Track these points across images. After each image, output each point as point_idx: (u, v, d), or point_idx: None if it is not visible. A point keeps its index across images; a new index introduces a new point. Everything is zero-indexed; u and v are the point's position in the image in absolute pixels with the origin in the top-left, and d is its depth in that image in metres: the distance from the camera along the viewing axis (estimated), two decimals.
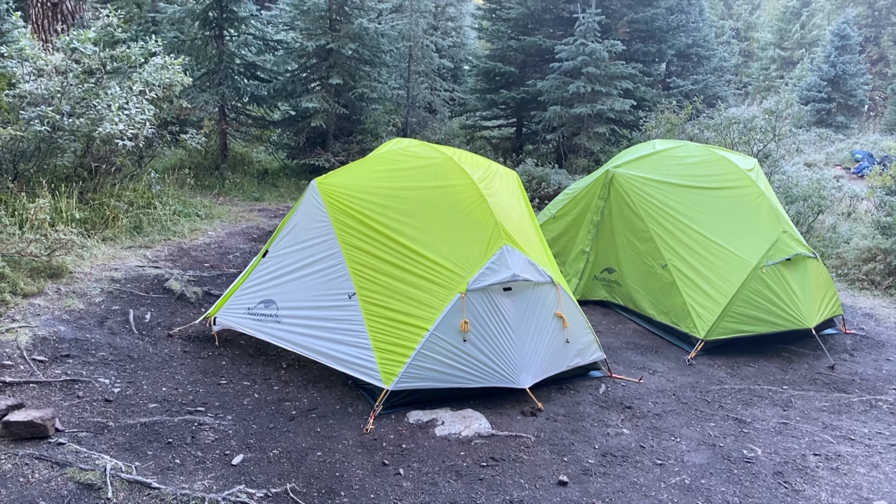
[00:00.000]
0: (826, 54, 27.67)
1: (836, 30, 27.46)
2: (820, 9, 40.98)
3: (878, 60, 34.05)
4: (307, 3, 12.66)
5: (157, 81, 9.29)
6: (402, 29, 14.90)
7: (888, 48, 33.76)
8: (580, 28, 14.21)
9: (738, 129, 11.55)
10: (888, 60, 33.49)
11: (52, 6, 13.70)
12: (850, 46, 27.25)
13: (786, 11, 42.33)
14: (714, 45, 24.36)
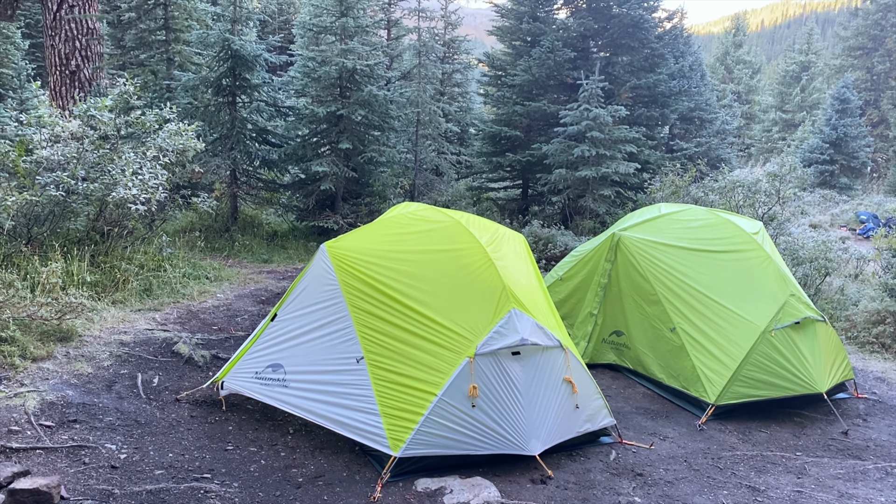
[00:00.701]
0: (827, 117, 28.09)
1: (836, 93, 27.96)
2: (819, 73, 41.80)
3: (879, 123, 34.52)
4: (318, 72, 13.02)
5: (171, 147, 9.50)
6: (411, 95, 15.25)
7: (888, 111, 34.26)
8: (584, 94, 14.51)
9: (743, 193, 11.67)
10: (889, 123, 33.95)
11: (71, 74, 14.14)
12: (850, 110, 27.69)
13: (786, 75, 43.23)
14: (716, 109, 24.80)
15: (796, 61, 42.89)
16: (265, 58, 12.77)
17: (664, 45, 17.31)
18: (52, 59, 14.38)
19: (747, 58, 48.12)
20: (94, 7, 14.88)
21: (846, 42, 37.53)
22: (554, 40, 16.09)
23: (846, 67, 36.39)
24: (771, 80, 51.27)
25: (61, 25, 14.11)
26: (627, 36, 16.40)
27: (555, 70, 16.39)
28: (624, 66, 16.86)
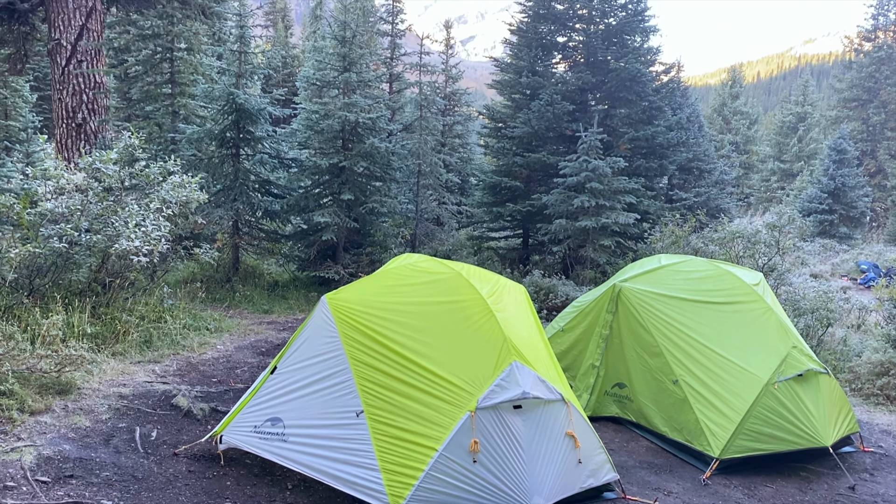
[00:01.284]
0: (825, 167, 28.36)
1: (833, 144, 28.28)
2: (816, 124, 42.35)
3: (877, 173, 34.83)
4: (321, 124, 13.22)
5: (174, 199, 9.59)
6: (412, 147, 15.45)
7: (885, 161, 34.60)
8: (583, 146, 14.69)
9: (742, 244, 11.72)
10: (886, 173, 34.26)
11: (77, 127, 14.36)
12: (847, 160, 27.98)
13: (783, 126, 43.79)
14: (714, 159, 25.08)
15: (793, 112, 43.49)
16: (269, 111, 12.98)
17: (662, 98, 17.59)
18: (59, 111, 14.61)
19: (744, 109, 48.80)
20: (102, 62, 15.19)
21: (841, 94, 38.10)
22: (553, 94, 16.37)
23: (842, 118, 36.87)
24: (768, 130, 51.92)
25: (69, 79, 14.38)
26: (625, 89, 16.69)
27: (554, 122, 16.63)
28: (622, 119, 17.12)
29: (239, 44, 13.01)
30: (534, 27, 18.29)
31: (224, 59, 13.82)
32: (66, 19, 14.44)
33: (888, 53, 35.65)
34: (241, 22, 12.96)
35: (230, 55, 13.38)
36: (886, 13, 36.49)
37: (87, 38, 14.36)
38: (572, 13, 18.05)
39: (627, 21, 17.34)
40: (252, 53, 13.84)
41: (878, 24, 36.99)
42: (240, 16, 13.02)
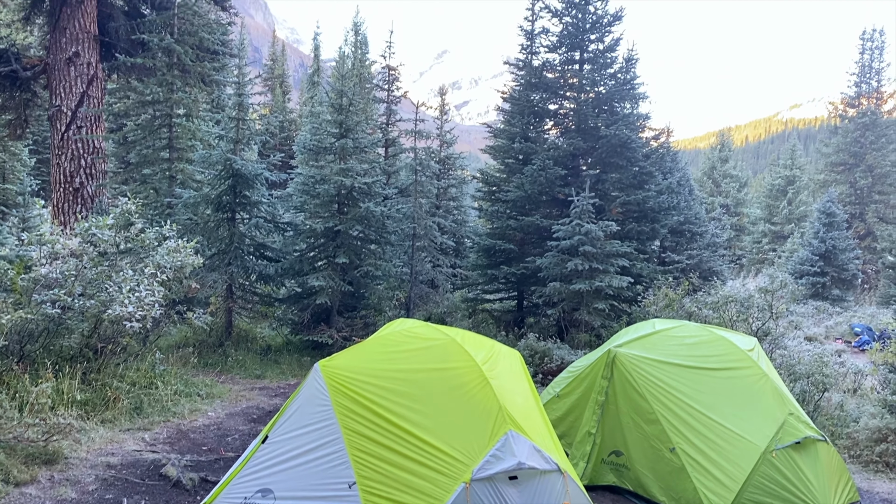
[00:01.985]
0: (815, 230, 28.65)
1: (822, 207, 28.64)
2: (804, 187, 42.97)
3: (866, 235, 35.19)
4: (317, 189, 13.37)
5: (169, 264, 9.61)
6: (407, 211, 15.60)
7: (874, 224, 35.02)
8: (575, 210, 14.86)
9: (736, 308, 11.75)
10: (875, 235, 34.61)
11: (74, 191, 14.47)
12: (836, 223, 28.29)
13: (772, 189, 44.41)
14: (706, 222, 25.33)
15: (781, 175, 44.17)
16: (265, 176, 13.14)
17: (652, 163, 17.88)
18: (57, 176, 14.76)
19: (734, 172, 49.58)
20: (101, 128, 15.43)
21: (828, 158, 38.79)
22: (545, 159, 16.64)
23: (830, 182, 37.46)
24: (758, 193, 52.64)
25: (68, 145, 14.58)
26: (616, 155, 16.98)
27: (546, 186, 16.85)
28: (613, 183, 17.35)
29: (237, 111, 13.26)
30: (526, 95, 18.70)
31: (222, 124, 14.05)
32: (68, 86, 14.73)
33: (872, 119, 36.47)
34: (239, 90, 13.24)
35: (228, 121, 13.61)
36: (868, 81, 37.52)
37: (87, 104, 14.62)
38: (563, 82, 18.49)
39: (617, 89, 17.75)
40: (250, 120, 14.08)
41: (860, 90, 37.98)
42: (238, 84, 13.31)
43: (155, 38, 14.43)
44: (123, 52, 15.38)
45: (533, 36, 19.20)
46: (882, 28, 37.56)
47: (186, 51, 14.80)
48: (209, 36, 15.33)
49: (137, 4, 16.06)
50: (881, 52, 37.42)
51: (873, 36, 37.57)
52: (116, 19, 15.58)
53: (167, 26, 14.94)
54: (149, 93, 14.73)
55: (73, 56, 14.79)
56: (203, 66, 15.32)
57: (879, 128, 36.47)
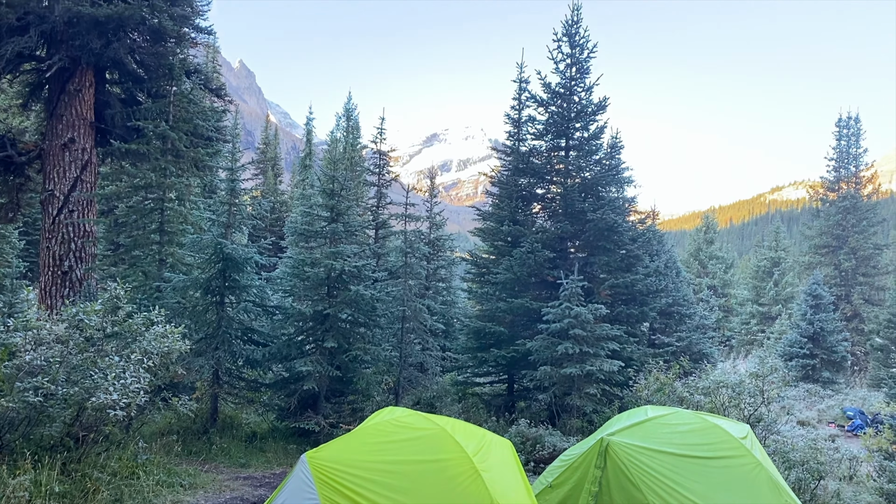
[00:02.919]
0: (802, 312, 28.81)
1: (809, 290, 28.89)
2: (790, 268, 43.45)
3: (853, 317, 35.39)
4: (307, 272, 13.40)
5: (156, 350, 9.51)
6: (397, 293, 15.61)
7: (860, 306, 35.28)
8: (564, 293, 14.93)
9: (728, 394, 11.69)
10: (862, 317, 34.81)
11: (63, 274, 14.43)
12: (823, 305, 28.48)
13: (758, 270, 44.87)
14: (694, 303, 25.45)
15: (767, 257, 44.72)
16: (256, 259, 13.18)
17: (639, 246, 18.11)
18: (46, 259, 14.74)
19: (720, 254, 50.17)
20: (93, 211, 15.53)
21: (812, 240, 39.40)
22: (533, 242, 16.83)
23: (815, 264, 37.91)
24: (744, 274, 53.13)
25: (59, 228, 14.62)
26: (603, 238, 17.20)
27: (535, 269, 16.98)
28: (602, 266, 17.51)
29: (229, 195, 13.42)
30: (513, 180, 19.07)
31: (214, 208, 14.18)
32: (62, 171, 14.90)
33: (853, 203, 37.29)
34: (232, 175, 13.44)
35: (220, 205, 13.74)
36: (847, 166, 38.54)
37: (80, 189, 14.76)
38: (550, 167, 18.91)
39: (603, 175, 18.15)
40: (242, 204, 14.23)
41: (840, 175, 38.95)
42: (231, 170, 13.52)
43: (150, 124, 14.72)
44: (118, 138, 15.65)
45: (520, 123, 19.74)
46: (857, 115, 38.85)
47: (181, 137, 15.09)
48: (204, 123, 15.67)
49: (134, 92, 16.45)
50: (857, 138, 38.61)
51: (849, 123, 38.85)
52: (113, 107, 15.92)
53: (163, 113, 15.28)
54: (141, 177, 14.91)
55: (69, 142, 15.04)
56: (197, 151, 15.59)
57: (860, 211, 37.24)
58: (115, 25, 14.58)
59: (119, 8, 14.07)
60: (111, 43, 14.80)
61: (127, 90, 16.65)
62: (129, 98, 16.62)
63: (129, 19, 14.35)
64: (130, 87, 16.48)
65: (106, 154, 16.44)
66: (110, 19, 14.20)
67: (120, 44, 14.67)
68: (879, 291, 36.18)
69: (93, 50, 14.70)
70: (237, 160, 14.00)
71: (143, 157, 15.36)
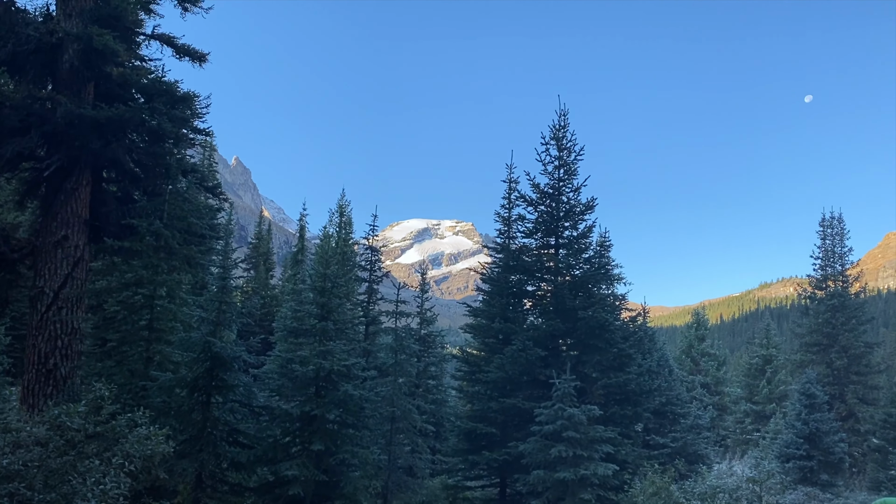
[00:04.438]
0: (797, 412, 28.43)
1: (802, 389, 28.62)
2: (782, 366, 43.20)
3: (848, 417, 34.95)
4: (296, 372, 13.23)
5: (139, 453, 9.24)
6: (386, 393, 15.38)
7: (855, 405, 34.92)
8: (557, 393, 14.75)
9: (725, 500, 11.39)
10: (857, 417, 34.40)
11: (47, 372, 14.15)
12: (817, 405, 28.14)
13: (751, 368, 44.60)
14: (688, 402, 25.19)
15: (759, 355, 44.50)
16: (244, 359, 13.02)
17: (631, 345, 18.07)
18: (31, 356, 14.48)
19: (711, 351, 49.91)
20: (82, 308, 15.40)
21: (802, 338, 39.29)
22: (525, 339, 16.77)
23: (807, 362, 37.68)
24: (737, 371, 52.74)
25: (46, 325, 14.44)
26: (595, 337, 17.17)
27: (527, 367, 16.84)
28: (594, 365, 17.40)
29: (220, 293, 13.40)
30: (504, 277, 19.21)
31: (204, 306, 14.12)
32: (53, 268, 14.85)
33: (841, 302, 37.45)
34: (223, 273, 13.47)
35: (210, 303, 13.70)
36: (833, 265, 38.95)
37: (70, 286, 14.69)
38: (540, 265, 19.09)
39: (592, 273, 18.33)
40: (232, 302, 14.19)
41: (826, 273, 39.32)
42: (223, 268, 13.57)
43: (144, 222, 14.85)
44: (112, 236, 15.72)
45: (510, 222, 20.07)
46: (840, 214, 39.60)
47: (174, 235, 15.19)
48: (198, 221, 15.83)
49: (130, 190, 16.66)
50: (841, 238, 39.18)
51: (832, 223, 39.53)
52: (108, 204, 16.08)
53: (157, 212, 15.43)
54: (133, 274, 14.89)
55: (62, 239, 15.08)
56: (190, 249, 15.67)
57: (849, 309, 37.35)
58: (115, 127, 14.92)
59: (120, 111, 14.44)
60: (110, 144, 15.10)
61: (123, 188, 16.87)
62: (124, 196, 16.82)
63: (130, 122, 14.70)
64: (127, 185, 16.71)
65: (98, 250, 16.48)
66: (111, 121, 14.54)
67: (119, 144, 14.97)
68: (873, 390, 35.84)
69: (92, 150, 14.98)
70: (229, 257, 14.08)
71: (136, 253, 15.40)
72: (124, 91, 15.98)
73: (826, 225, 39.81)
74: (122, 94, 15.90)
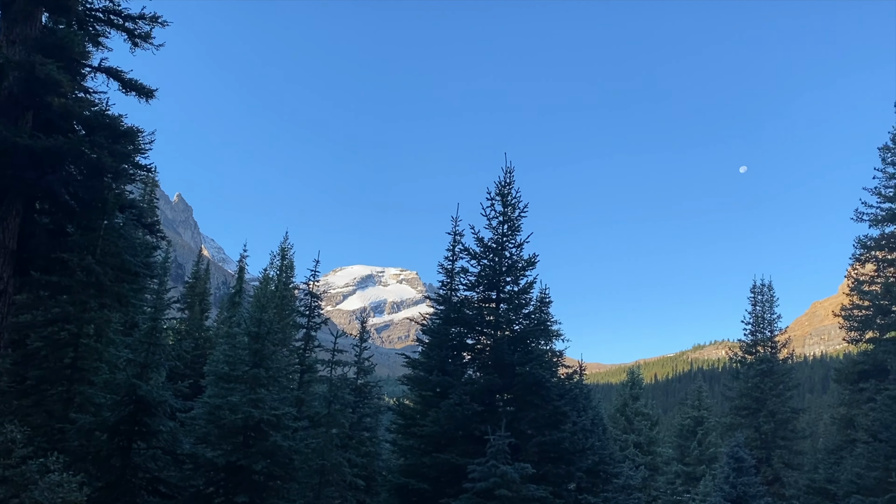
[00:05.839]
0: (725, 475, 28.83)
1: (731, 452, 29.11)
2: (713, 428, 43.93)
3: (774, 481, 35.65)
4: (224, 420, 12.82)
5: (48, 501, 8.75)
6: (317, 445, 15.01)
7: (780, 469, 35.65)
8: (491, 449, 14.64)
9: None
10: (783, 481, 35.10)
11: None
12: (745, 468, 28.62)
13: (682, 429, 45.22)
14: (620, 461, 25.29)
15: (690, 416, 45.22)
16: (171, 403, 12.57)
17: (566, 402, 18.14)
18: None
19: (645, 410, 50.45)
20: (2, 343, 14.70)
21: (732, 402, 40.19)
22: (462, 394, 16.68)
23: (736, 425, 38.44)
24: (669, 432, 53.40)
25: None
26: (531, 393, 17.21)
27: (463, 422, 16.69)
28: (530, 422, 17.39)
29: (150, 335, 12.97)
30: (445, 329, 19.17)
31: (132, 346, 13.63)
32: None
33: (769, 367, 38.57)
34: (155, 314, 13.07)
35: (139, 344, 13.24)
36: (762, 331, 40.20)
37: None
38: (481, 318, 19.15)
39: (532, 329, 18.47)
40: (162, 344, 13.74)
41: (756, 339, 40.53)
42: (155, 309, 13.18)
43: (76, 257, 14.36)
44: (40, 269, 15.12)
45: (453, 274, 20.14)
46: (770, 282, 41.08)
47: (106, 271, 14.71)
48: (132, 258, 15.36)
49: (63, 223, 16.14)
50: (771, 305, 40.57)
51: (763, 290, 40.95)
52: (38, 237, 15.53)
53: (90, 247, 14.95)
54: (60, 310, 14.32)
55: None
56: (122, 286, 15.17)
57: (777, 375, 38.47)
58: (53, 158, 14.54)
59: (58, 142, 14.09)
60: (46, 175, 14.68)
61: (56, 221, 16.34)
62: (57, 228, 16.28)
63: (68, 153, 14.36)
64: (60, 217, 16.20)
65: (24, 283, 15.83)
66: (48, 152, 14.17)
67: (55, 176, 14.56)
68: (798, 455, 36.72)
69: (25, 180, 14.53)
70: (163, 297, 13.69)
71: (65, 289, 14.84)
72: (65, 122, 15.62)
73: (757, 292, 41.17)
74: (63, 125, 15.54)
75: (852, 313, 34.35)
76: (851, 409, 32.26)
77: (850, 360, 36.13)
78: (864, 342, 34.09)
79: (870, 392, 30.26)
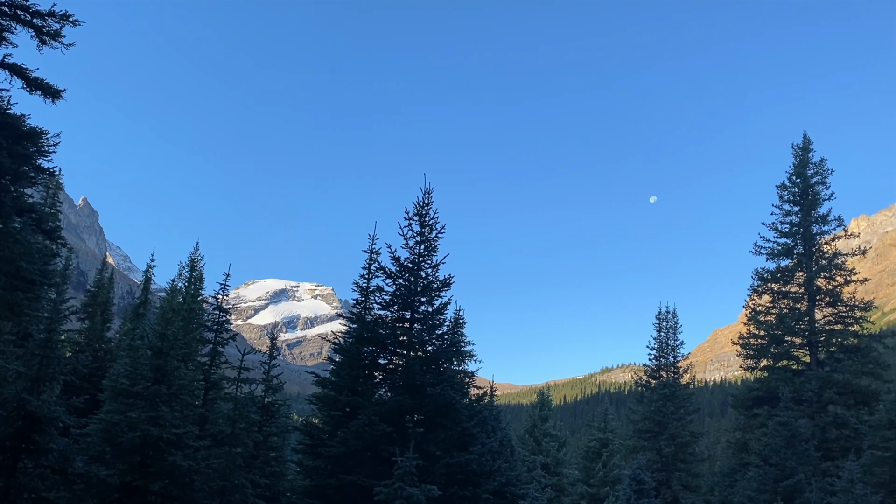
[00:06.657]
0: (626, 496, 29.67)
1: (632, 474, 30.01)
2: (617, 450, 45.11)
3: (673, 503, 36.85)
4: (120, 438, 12.27)
5: None
6: (219, 466, 14.55)
7: (679, 492, 36.93)
8: (398, 471, 14.57)
9: None
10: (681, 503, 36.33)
11: None
12: (646, 490, 29.56)
13: (588, 451, 46.22)
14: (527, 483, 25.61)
15: (596, 438, 46.32)
16: (63, 420, 11.93)
17: (476, 424, 18.28)
18: None
19: (553, 431, 51.35)
20: None
21: (636, 425, 41.48)
22: (372, 414, 16.56)
23: (639, 448, 39.68)
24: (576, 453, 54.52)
25: None
26: (441, 415, 17.26)
27: (372, 443, 16.56)
28: (439, 444, 17.41)
29: (44, 347, 12.31)
30: (357, 348, 19.02)
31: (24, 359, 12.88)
32: None
33: (671, 392, 40.08)
34: (50, 325, 12.42)
35: (30, 356, 12.52)
36: (666, 356, 41.79)
37: None
38: (394, 338, 19.11)
39: (445, 350, 18.55)
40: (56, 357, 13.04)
41: (660, 363, 42.06)
42: (51, 319, 12.52)
43: None
44: None
45: (368, 292, 20.04)
46: (674, 310, 42.81)
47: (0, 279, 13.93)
48: (29, 266, 14.59)
49: None
50: (675, 331, 42.28)
51: (667, 317, 42.63)
52: None
53: None
54: None
55: None
56: (16, 295, 14.38)
57: (678, 399, 39.98)
58: None
59: None
60: None
61: None
62: None
63: None
64: None
65: None
66: None
67: None
68: (696, 478, 38.16)
69: None
70: (60, 307, 13.03)
71: None
72: None
73: (662, 318, 42.76)
74: None
75: (749, 342, 36.13)
76: (746, 434, 33.80)
77: (745, 387, 37.94)
78: (759, 370, 35.88)
79: (762, 418, 31.80)
